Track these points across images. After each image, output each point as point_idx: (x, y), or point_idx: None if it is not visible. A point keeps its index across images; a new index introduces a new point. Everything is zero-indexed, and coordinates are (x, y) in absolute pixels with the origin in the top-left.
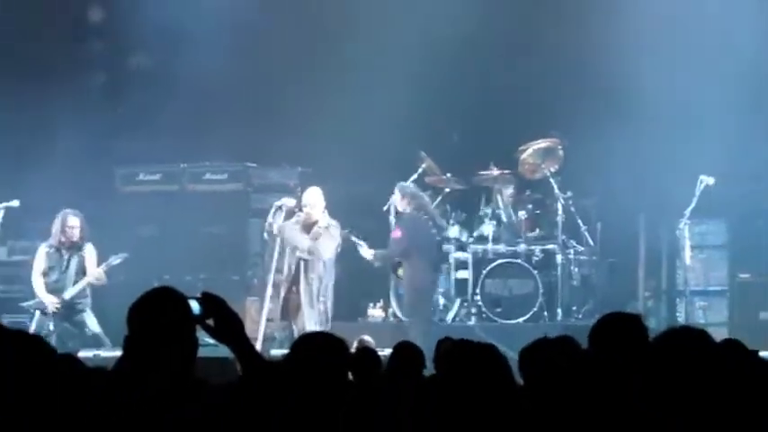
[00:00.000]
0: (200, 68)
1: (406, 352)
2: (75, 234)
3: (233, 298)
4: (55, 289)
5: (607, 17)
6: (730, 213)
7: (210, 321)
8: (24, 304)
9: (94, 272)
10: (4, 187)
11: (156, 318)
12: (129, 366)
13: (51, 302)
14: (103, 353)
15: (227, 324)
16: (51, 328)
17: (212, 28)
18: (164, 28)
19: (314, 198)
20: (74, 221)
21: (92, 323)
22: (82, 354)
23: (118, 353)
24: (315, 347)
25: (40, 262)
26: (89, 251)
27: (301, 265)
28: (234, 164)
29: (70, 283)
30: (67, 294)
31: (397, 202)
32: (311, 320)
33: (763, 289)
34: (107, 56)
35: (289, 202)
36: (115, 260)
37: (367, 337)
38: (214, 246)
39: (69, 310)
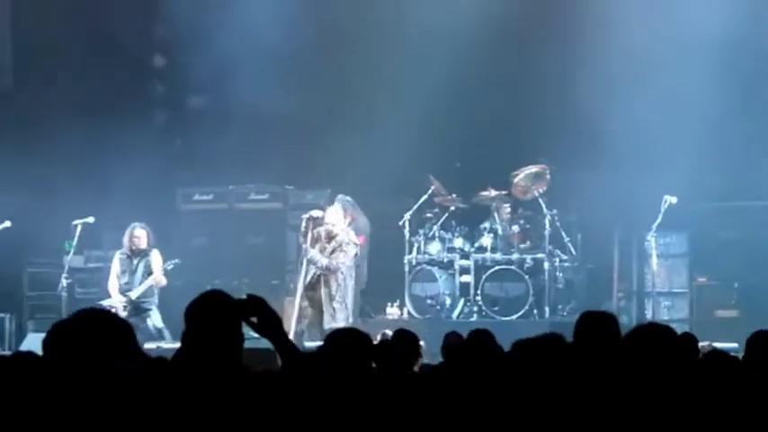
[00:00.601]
0: (244, 106)
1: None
2: (143, 243)
3: (273, 299)
4: (125, 290)
5: (582, 61)
6: (690, 227)
7: (254, 319)
8: (98, 303)
9: (157, 275)
10: (84, 204)
11: (209, 315)
12: (185, 356)
13: (120, 301)
14: (164, 345)
15: (268, 320)
16: None
17: (255, 70)
18: (213, 73)
19: (334, 216)
20: (140, 233)
21: (156, 320)
22: (146, 346)
23: (177, 345)
24: (344, 341)
25: (115, 266)
26: (155, 257)
27: (321, 276)
28: (274, 186)
29: (137, 284)
30: (134, 294)
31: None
32: (335, 320)
33: (717, 291)
34: (168, 96)
35: (316, 213)
36: (169, 265)
37: (389, 332)
38: (257, 255)
39: (137, 308)
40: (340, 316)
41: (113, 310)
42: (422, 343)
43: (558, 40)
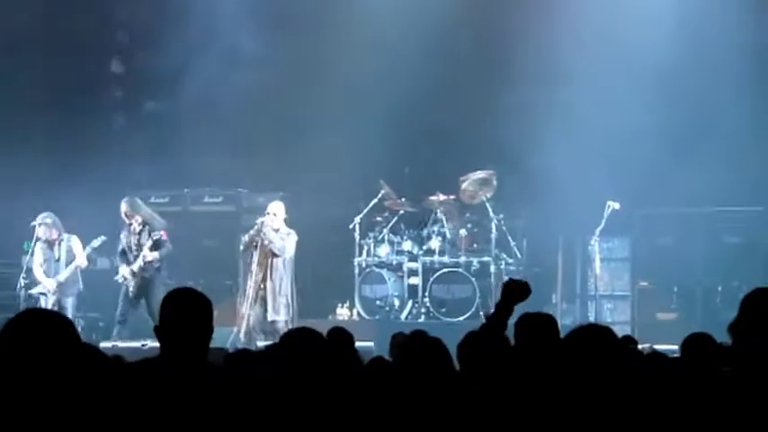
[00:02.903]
0: (199, 111)
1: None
2: (54, 234)
3: (227, 298)
4: (52, 275)
5: (527, 68)
6: (632, 232)
7: None
8: (30, 291)
9: (80, 258)
10: (42, 206)
11: (185, 311)
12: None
13: (51, 285)
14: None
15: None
16: (50, 305)
17: (211, 75)
18: (170, 77)
19: (276, 208)
20: (47, 224)
21: (70, 303)
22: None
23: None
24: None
25: (37, 256)
26: (75, 241)
27: (269, 265)
28: (228, 189)
29: (62, 269)
30: (61, 277)
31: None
32: (276, 312)
33: (658, 294)
34: (125, 100)
35: (269, 220)
36: (96, 242)
37: None
38: (211, 256)
39: (63, 291)
40: (283, 310)
41: (46, 294)
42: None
43: (509, 50)
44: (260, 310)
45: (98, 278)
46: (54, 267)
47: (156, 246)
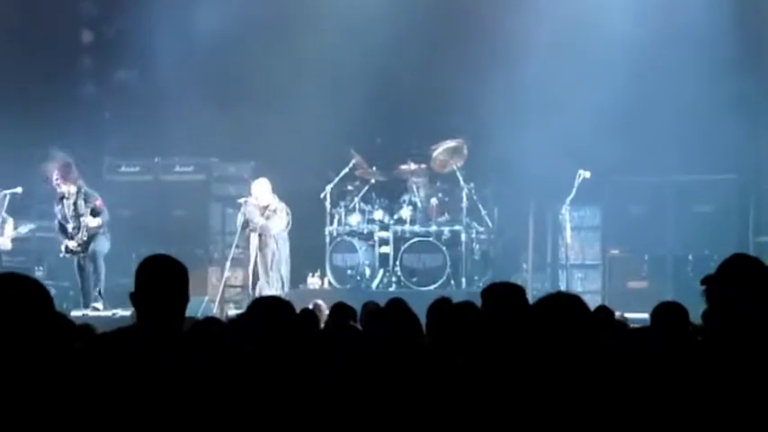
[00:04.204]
0: (170, 79)
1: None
2: None
3: (198, 267)
4: None
5: (499, 36)
6: (602, 201)
7: None
8: None
9: (5, 240)
10: (12, 175)
11: (160, 277)
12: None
13: None
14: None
15: None
16: None
17: (181, 45)
18: (140, 47)
19: (259, 188)
20: None
21: None
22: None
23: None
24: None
25: None
26: (8, 223)
27: (258, 240)
28: (199, 158)
29: None
30: None
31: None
32: (270, 286)
33: (629, 262)
34: (96, 70)
35: (252, 200)
36: (24, 228)
37: (320, 301)
38: (181, 225)
39: None
40: (275, 285)
41: None
42: None
43: (479, 17)
44: (259, 285)
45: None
46: None
47: (95, 213)
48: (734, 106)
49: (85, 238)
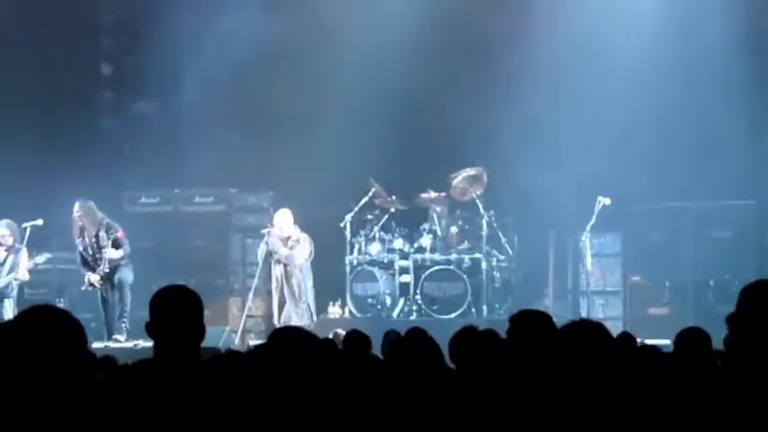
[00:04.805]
0: (189, 110)
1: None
2: (8, 240)
3: (218, 298)
4: None
5: (519, 66)
6: (623, 228)
7: None
8: None
9: (22, 271)
10: (33, 207)
11: (175, 308)
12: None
13: None
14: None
15: None
16: None
17: (199, 76)
18: (159, 79)
19: (281, 219)
20: (4, 231)
21: (6, 312)
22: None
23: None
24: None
25: None
26: (23, 254)
27: (283, 271)
28: (218, 189)
29: (4, 275)
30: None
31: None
32: (299, 317)
33: (650, 289)
34: (115, 102)
35: (275, 230)
36: (41, 258)
37: (340, 330)
38: (202, 256)
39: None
40: (306, 315)
41: None
42: None
43: (497, 47)
44: (284, 316)
45: None
46: None
47: (117, 245)
48: (752, 132)
49: (107, 271)
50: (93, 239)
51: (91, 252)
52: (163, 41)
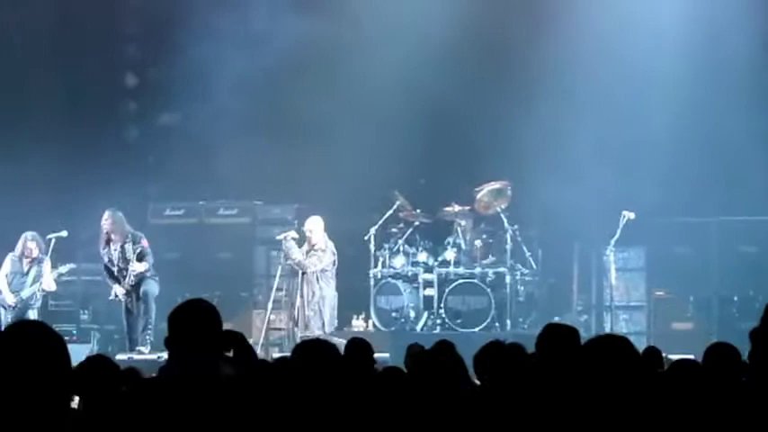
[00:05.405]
0: (213, 122)
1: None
2: (34, 252)
3: (242, 311)
4: (16, 290)
5: (543, 80)
6: (647, 242)
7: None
8: None
9: (48, 280)
10: (58, 219)
11: (194, 322)
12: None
13: (12, 299)
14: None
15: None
16: (9, 320)
17: (224, 87)
18: (184, 91)
19: (311, 225)
20: (31, 244)
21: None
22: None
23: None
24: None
25: (5, 267)
26: (46, 265)
27: (301, 279)
28: (243, 201)
29: (27, 286)
30: (24, 293)
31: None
32: (313, 327)
33: (674, 303)
34: (140, 114)
35: (292, 234)
36: (64, 269)
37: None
38: (226, 268)
39: (24, 307)
40: (314, 324)
41: (5, 308)
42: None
43: (521, 61)
44: (299, 324)
45: None
46: (18, 282)
47: (141, 256)
48: None
49: (132, 283)
50: (119, 251)
51: (116, 264)
52: (187, 53)
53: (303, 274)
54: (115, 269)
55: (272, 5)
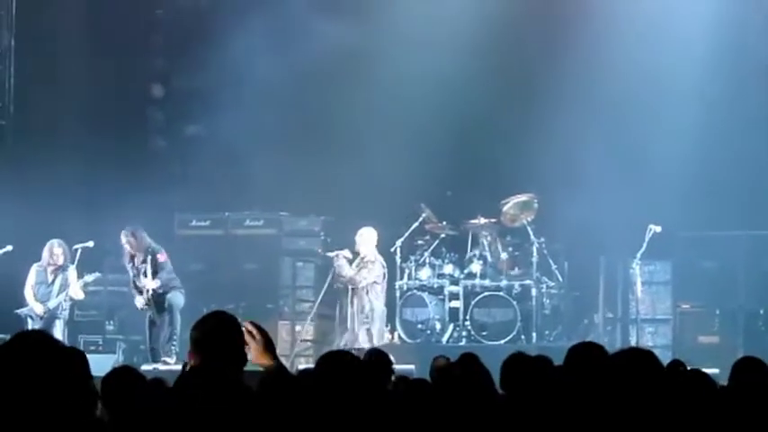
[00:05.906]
0: (240, 133)
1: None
2: (60, 259)
3: (268, 322)
4: (42, 300)
5: (569, 93)
6: (673, 255)
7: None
8: (18, 311)
9: (75, 289)
10: (84, 229)
11: (215, 335)
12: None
13: (40, 309)
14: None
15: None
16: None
17: (251, 99)
18: (210, 102)
19: (363, 236)
20: (58, 250)
21: (57, 333)
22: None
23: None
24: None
25: (31, 277)
26: (72, 273)
27: (351, 295)
28: (269, 212)
29: (54, 296)
30: (51, 303)
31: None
32: (362, 341)
33: (700, 317)
34: (167, 124)
35: (345, 253)
36: (90, 278)
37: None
38: (252, 279)
39: (51, 317)
40: (363, 338)
41: (33, 317)
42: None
43: (547, 74)
44: (347, 339)
45: None
46: (44, 292)
47: (155, 272)
48: None
49: (150, 297)
50: (141, 265)
51: (138, 277)
52: (214, 63)
53: (353, 288)
54: (138, 282)
55: (300, 16)
